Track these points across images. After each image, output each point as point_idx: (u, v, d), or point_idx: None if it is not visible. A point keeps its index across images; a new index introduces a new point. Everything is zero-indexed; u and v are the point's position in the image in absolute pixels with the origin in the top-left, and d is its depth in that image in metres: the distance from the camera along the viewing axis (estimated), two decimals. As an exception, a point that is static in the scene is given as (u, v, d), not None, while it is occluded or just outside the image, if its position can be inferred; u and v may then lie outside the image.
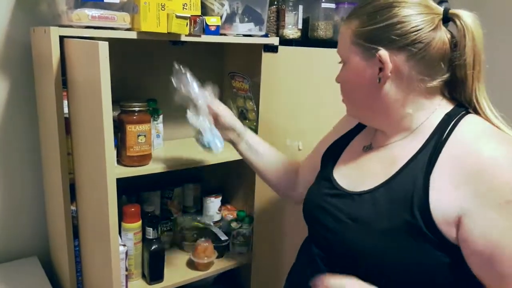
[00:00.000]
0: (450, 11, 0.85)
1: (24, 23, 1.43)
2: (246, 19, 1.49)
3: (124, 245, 1.40)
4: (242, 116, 1.73)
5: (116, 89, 1.31)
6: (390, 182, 0.85)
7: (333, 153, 1.07)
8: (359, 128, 1.07)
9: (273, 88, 1.57)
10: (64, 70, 1.26)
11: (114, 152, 1.17)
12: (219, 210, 1.80)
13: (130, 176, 1.35)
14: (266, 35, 1.54)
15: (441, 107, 0.88)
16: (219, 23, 1.39)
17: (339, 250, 0.90)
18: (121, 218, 1.42)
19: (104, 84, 1.05)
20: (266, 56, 1.56)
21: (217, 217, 1.80)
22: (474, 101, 0.86)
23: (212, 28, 1.38)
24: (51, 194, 1.45)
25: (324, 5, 1.68)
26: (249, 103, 1.68)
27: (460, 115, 0.85)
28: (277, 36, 1.63)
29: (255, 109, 1.67)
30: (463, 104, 0.88)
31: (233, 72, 1.72)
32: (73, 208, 1.36)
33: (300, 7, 1.67)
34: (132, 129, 1.34)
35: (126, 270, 1.42)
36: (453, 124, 0.83)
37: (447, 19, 0.85)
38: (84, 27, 1.21)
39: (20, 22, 1.44)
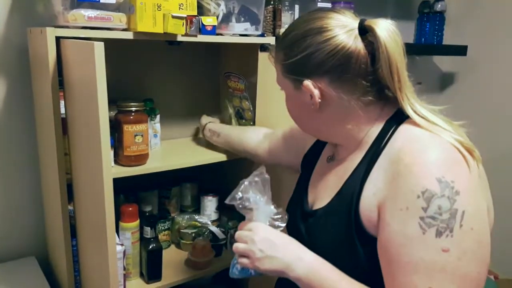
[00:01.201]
0: (366, 22, 0.85)
1: (20, 23, 1.44)
2: (242, 18, 1.49)
3: (122, 245, 1.40)
4: (238, 115, 1.73)
5: (113, 89, 1.32)
6: (338, 195, 0.91)
7: (309, 162, 1.10)
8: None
9: (270, 88, 1.57)
10: (60, 70, 1.26)
11: (110, 152, 1.17)
12: (217, 209, 1.80)
13: (128, 176, 1.35)
14: (262, 35, 1.55)
15: (382, 116, 0.89)
16: (215, 23, 1.40)
17: None
18: (118, 217, 1.42)
19: (100, 84, 1.05)
20: (262, 56, 1.56)
21: (214, 216, 1.80)
22: (403, 108, 0.86)
23: (209, 28, 1.38)
24: (49, 194, 1.46)
25: (320, 4, 1.69)
26: (245, 103, 1.69)
27: (399, 122, 0.86)
28: (273, 35, 1.64)
29: (251, 108, 1.67)
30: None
31: (229, 72, 1.72)
32: (70, 208, 1.36)
33: (296, 7, 1.69)
34: (129, 129, 1.35)
35: (124, 269, 1.43)
36: (391, 133, 0.85)
37: (364, 31, 0.84)
38: (81, 27, 1.22)
39: (16, 22, 1.44)
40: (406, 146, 0.80)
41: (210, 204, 1.78)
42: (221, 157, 1.59)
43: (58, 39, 1.21)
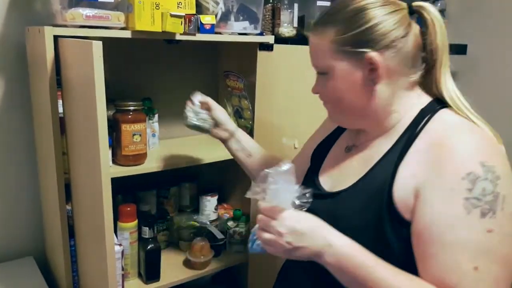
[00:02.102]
0: (413, 4, 0.89)
1: (18, 22, 1.43)
2: (241, 17, 1.48)
3: (120, 245, 1.40)
4: (237, 115, 1.73)
5: (111, 88, 1.31)
6: (364, 179, 0.89)
7: (319, 154, 1.09)
8: (341, 130, 1.09)
9: (269, 87, 1.56)
10: (58, 69, 1.25)
11: (108, 152, 1.17)
12: (216, 209, 1.80)
13: (126, 176, 1.35)
14: (261, 34, 1.54)
15: (417, 105, 0.90)
16: (214, 22, 1.39)
17: None
18: (117, 217, 1.41)
19: (98, 84, 1.04)
20: (261, 55, 1.55)
21: (213, 216, 1.80)
22: (442, 93, 0.89)
23: (207, 27, 1.38)
24: (47, 194, 1.45)
25: (319, 3, 1.67)
26: (244, 102, 1.68)
27: (434, 110, 0.88)
28: (272, 34, 1.64)
29: (250, 108, 1.67)
30: (438, 98, 0.91)
31: (228, 71, 1.72)
32: (68, 208, 1.36)
33: (295, 5, 1.67)
34: (127, 129, 1.34)
35: (122, 269, 1.42)
36: (426, 120, 0.87)
37: (412, 11, 0.89)
38: (79, 26, 1.21)
39: (14, 21, 1.43)
40: (448, 131, 0.82)
41: (209, 204, 1.78)
42: (220, 156, 1.58)
43: (56, 38, 1.20)
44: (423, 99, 0.91)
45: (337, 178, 0.97)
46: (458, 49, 2.05)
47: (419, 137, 0.85)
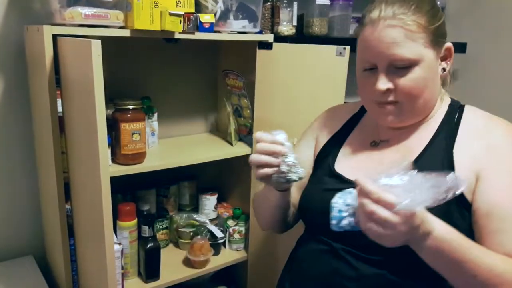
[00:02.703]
0: None
1: (17, 21, 1.43)
2: (240, 16, 1.48)
3: (120, 244, 1.39)
4: (237, 113, 1.72)
5: (111, 87, 1.31)
6: (416, 168, 0.87)
7: (328, 154, 1.09)
8: (348, 128, 1.11)
9: (268, 85, 1.56)
10: (57, 68, 1.25)
11: (108, 151, 1.16)
12: (215, 207, 1.80)
13: (125, 175, 1.35)
14: (260, 32, 1.54)
15: (443, 100, 1.01)
16: (213, 20, 1.39)
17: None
18: (116, 216, 1.41)
19: (97, 83, 1.04)
20: (260, 53, 1.55)
21: (213, 215, 1.80)
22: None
23: (206, 25, 1.37)
24: (46, 193, 1.45)
25: (319, 1, 1.68)
26: (243, 100, 1.68)
27: (460, 105, 1.00)
28: (272, 33, 1.63)
29: (250, 106, 1.66)
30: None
31: (227, 69, 1.71)
32: (68, 207, 1.35)
33: (295, 4, 1.68)
34: (126, 128, 1.34)
35: (122, 268, 1.42)
36: (458, 113, 0.98)
37: None
38: (78, 25, 1.21)
39: (13, 20, 1.43)
40: (489, 122, 0.95)
41: (208, 202, 1.78)
42: (219, 155, 1.59)
43: (55, 37, 1.20)
44: (445, 94, 1.01)
45: (373, 170, 0.96)
46: (457, 48, 2.05)
47: (461, 128, 0.94)
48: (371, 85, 0.95)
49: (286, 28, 1.67)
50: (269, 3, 1.66)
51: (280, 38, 1.62)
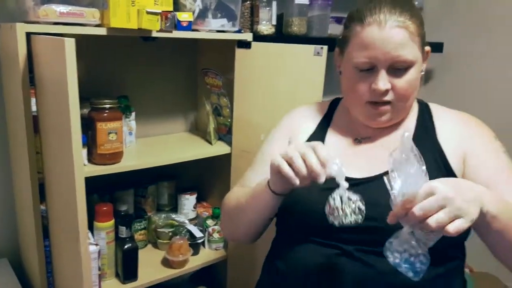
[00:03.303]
0: None
1: (-10, 19, 1.40)
2: (219, 14, 1.47)
3: (97, 245, 1.38)
4: (216, 112, 1.72)
5: (87, 86, 1.29)
6: None
7: None
8: (323, 128, 1.12)
9: (247, 84, 1.56)
10: (31, 67, 1.23)
11: (82, 151, 1.14)
12: (195, 207, 1.79)
13: (103, 175, 1.33)
14: (239, 31, 1.53)
15: None
16: (191, 19, 1.38)
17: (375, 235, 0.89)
18: (93, 217, 1.40)
19: (71, 82, 1.02)
20: (239, 52, 1.55)
21: (192, 215, 1.79)
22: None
23: (184, 24, 1.37)
24: (21, 194, 1.42)
25: (297, 1, 1.68)
26: (223, 99, 1.67)
27: (424, 103, 1.10)
28: (251, 32, 1.63)
29: (229, 105, 1.66)
30: None
31: (206, 68, 1.70)
32: (43, 208, 1.33)
33: (274, 3, 1.67)
34: (102, 127, 1.32)
35: (99, 269, 1.40)
36: (427, 110, 1.07)
37: None
38: (52, 23, 1.18)
39: (-14, 18, 1.40)
40: (460, 116, 1.06)
41: (187, 202, 1.77)
42: (198, 154, 1.58)
43: (28, 35, 1.18)
44: None
45: (363, 166, 1.00)
46: (434, 47, 2.08)
47: (436, 122, 1.04)
48: (367, 85, 0.97)
49: (266, 27, 1.66)
50: (248, 2, 1.65)
51: (260, 37, 1.62)
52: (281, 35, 1.74)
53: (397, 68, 0.95)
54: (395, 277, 0.90)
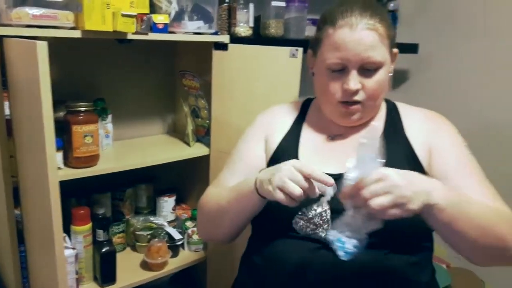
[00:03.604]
0: None
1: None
2: (195, 17, 1.47)
3: (74, 248, 1.37)
4: (194, 114, 1.72)
5: (64, 88, 1.29)
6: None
7: (286, 153, 1.09)
8: (297, 127, 1.14)
9: (224, 86, 1.57)
10: (4, 70, 1.21)
11: (57, 154, 1.14)
12: (173, 209, 1.78)
13: (80, 178, 1.32)
14: (216, 33, 1.54)
15: None
16: (167, 21, 1.38)
17: None
18: (70, 221, 1.39)
19: (44, 85, 1.02)
20: (216, 54, 1.55)
21: (171, 217, 1.78)
22: None
23: (160, 26, 1.37)
24: (-5, 198, 1.40)
25: (274, 3, 1.69)
26: (200, 101, 1.68)
27: (391, 101, 1.15)
28: (229, 34, 1.64)
29: (207, 107, 1.66)
30: None
31: (184, 70, 1.70)
32: (17, 212, 1.32)
33: (251, 5, 1.68)
34: (78, 130, 1.31)
35: (77, 273, 1.40)
36: (394, 108, 1.12)
37: None
38: (25, 26, 1.17)
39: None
40: (426, 113, 1.12)
41: (166, 204, 1.76)
42: (176, 156, 1.58)
43: (1, 37, 1.16)
44: None
45: (337, 162, 1.01)
46: (409, 48, 2.12)
47: (404, 120, 1.09)
48: (339, 85, 1.01)
49: (243, 29, 1.67)
50: (226, 4, 1.66)
51: (238, 39, 1.62)
52: (259, 37, 1.75)
53: (367, 69, 1.00)
54: (374, 269, 0.94)
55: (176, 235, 1.68)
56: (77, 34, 1.23)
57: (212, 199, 1.11)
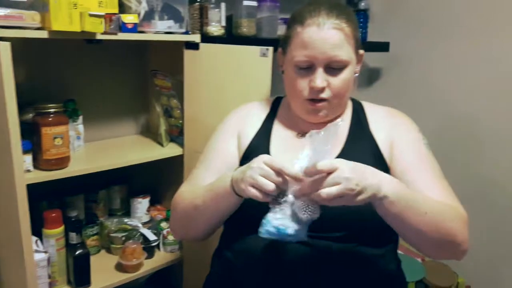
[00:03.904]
0: None
1: None
2: (165, 16, 1.47)
3: (46, 252, 1.35)
4: (167, 114, 1.71)
5: (34, 90, 1.27)
6: (347, 150, 1.06)
7: (258, 150, 1.10)
8: (268, 125, 1.17)
9: (196, 85, 1.56)
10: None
11: (24, 157, 1.12)
12: (148, 210, 1.77)
13: (52, 181, 1.30)
14: (186, 32, 1.53)
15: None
16: (137, 21, 1.37)
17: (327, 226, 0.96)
18: (42, 224, 1.37)
19: (8, 86, 1.00)
20: (187, 54, 1.55)
21: (146, 218, 1.77)
22: None
23: (129, 26, 1.35)
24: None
25: (246, 3, 1.70)
26: (173, 101, 1.67)
27: (357, 101, 1.19)
28: (201, 33, 1.64)
29: (180, 106, 1.66)
30: None
31: (155, 70, 1.69)
32: (-14, 217, 1.29)
33: (223, 5, 1.68)
34: (47, 132, 1.30)
35: (49, 277, 1.38)
36: (360, 107, 1.17)
37: None
38: (-11, 26, 1.15)
39: None
40: (389, 110, 1.17)
41: (140, 206, 1.75)
42: (150, 157, 1.57)
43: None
44: None
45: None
46: (381, 47, 2.14)
47: (369, 117, 1.13)
48: (306, 83, 1.04)
49: (215, 28, 1.67)
50: (197, 3, 1.65)
51: (210, 39, 1.62)
52: (231, 36, 1.75)
53: (333, 68, 1.03)
54: (345, 260, 0.98)
55: (151, 236, 1.67)
56: (43, 34, 1.21)
57: (187, 198, 1.11)
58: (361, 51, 1.11)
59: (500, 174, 1.93)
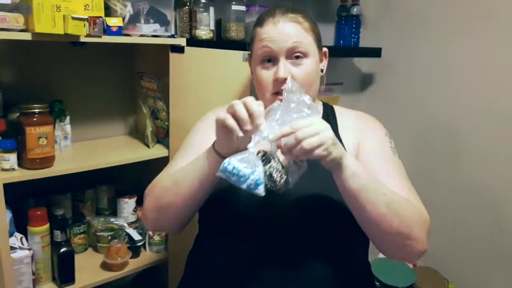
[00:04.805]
0: None
1: None
2: (151, 20, 1.49)
3: (30, 249, 1.38)
4: (154, 116, 1.73)
5: (21, 91, 1.29)
6: None
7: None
8: None
9: (182, 88, 1.58)
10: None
11: (11, 156, 1.14)
12: (134, 210, 1.79)
13: (39, 179, 1.33)
14: (172, 36, 1.56)
15: (317, 99, 1.18)
16: (121, 24, 1.39)
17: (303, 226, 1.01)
18: (28, 222, 1.40)
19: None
20: (173, 57, 1.57)
21: (132, 218, 1.79)
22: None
23: (114, 29, 1.38)
24: None
25: (234, 7, 1.71)
26: (159, 103, 1.69)
27: (328, 104, 1.23)
28: (190, 36, 1.65)
29: (165, 109, 1.68)
30: None
31: (141, 72, 1.72)
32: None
33: (211, 9, 1.70)
34: (31, 131, 1.32)
35: (33, 274, 1.40)
36: (331, 110, 1.21)
37: None
38: (-27, 28, 1.18)
39: None
40: (358, 114, 1.21)
41: (127, 206, 1.77)
42: (137, 157, 1.59)
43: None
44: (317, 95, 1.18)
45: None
46: (373, 52, 2.15)
47: (338, 120, 1.17)
48: (271, 77, 1.08)
49: (204, 32, 1.69)
50: (187, 7, 1.68)
51: (199, 42, 1.64)
52: (220, 40, 1.77)
53: (296, 58, 1.08)
54: (317, 269, 1.00)
55: (136, 236, 1.69)
56: (27, 36, 1.24)
57: (165, 177, 1.11)
58: (325, 49, 1.17)
59: (491, 180, 1.93)
